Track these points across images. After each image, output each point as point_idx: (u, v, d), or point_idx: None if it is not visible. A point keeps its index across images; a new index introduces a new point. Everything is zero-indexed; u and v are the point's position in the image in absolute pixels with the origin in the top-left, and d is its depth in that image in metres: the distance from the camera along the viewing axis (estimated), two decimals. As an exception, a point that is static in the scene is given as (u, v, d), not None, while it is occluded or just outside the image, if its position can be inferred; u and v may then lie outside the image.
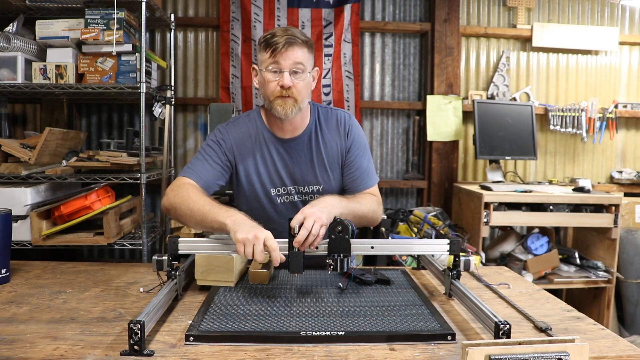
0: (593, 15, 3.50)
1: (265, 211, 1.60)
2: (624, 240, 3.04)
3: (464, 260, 1.31)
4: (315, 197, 1.53)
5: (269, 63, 1.46)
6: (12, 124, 2.96)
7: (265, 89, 1.51)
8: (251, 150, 1.58)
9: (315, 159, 1.59)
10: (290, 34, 1.45)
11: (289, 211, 1.56)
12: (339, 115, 1.64)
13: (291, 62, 1.45)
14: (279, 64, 1.45)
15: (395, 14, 3.41)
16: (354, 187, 1.61)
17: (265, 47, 1.47)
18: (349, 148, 1.61)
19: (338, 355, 0.96)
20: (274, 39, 1.44)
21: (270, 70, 1.47)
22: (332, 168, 1.61)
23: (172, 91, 2.84)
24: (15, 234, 2.22)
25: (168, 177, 3.00)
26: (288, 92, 1.46)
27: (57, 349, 0.95)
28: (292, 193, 1.60)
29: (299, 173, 1.59)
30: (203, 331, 1.01)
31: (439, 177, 3.32)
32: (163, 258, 1.26)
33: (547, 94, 3.50)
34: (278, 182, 1.59)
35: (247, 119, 1.63)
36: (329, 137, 1.61)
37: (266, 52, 1.46)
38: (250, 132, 1.60)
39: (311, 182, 1.59)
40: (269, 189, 1.59)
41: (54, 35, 2.39)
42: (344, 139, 1.62)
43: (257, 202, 1.60)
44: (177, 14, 3.23)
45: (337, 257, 1.20)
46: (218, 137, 1.59)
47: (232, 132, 1.60)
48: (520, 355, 0.83)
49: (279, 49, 1.43)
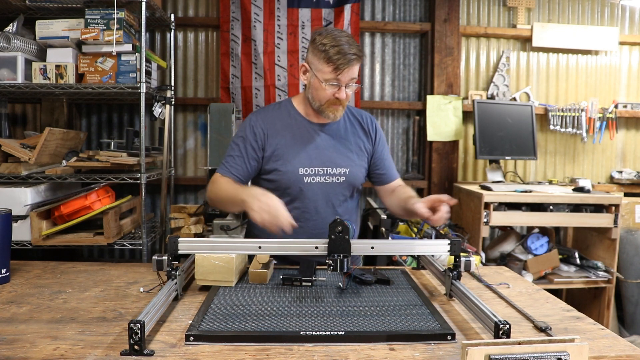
0: (593, 15, 3.50)
1: (290, 190, 1.66)
2: (624, 240, 3.04)
3: (465, 260, 1.31)
4: (342, 180, 1.67)
5: (329, 77, 1.55)
6: (12, 124, 2.96)
7: (319, 94, 1.60)
8: (281, 131, 1.68)
9: (345, 143, 1.71)
10: (352, 53, 1.52)
11: (314, 192, 1.65)
12: (365, 115, 1.81)
13: (349, 78, 1.56)
14: (339, 81, 1.56)
15: (395, 14, 3.41)
16: (386, 178, 1.79)
17: (326, 61, 1.53)
18: (377, 145, 1.77)
19: (338, 355, 0.96)
20: (336, 57, 1.51)
21: (329, 84, 1.56)
22: (358, 154, 1.73)
23: (172, 91, 2.84)
24: (15, 234, 2.22)
25: (168, 177, 3.00)
26: (341, 102, 1.60)
27: (57, 348, 0.95)
28: (320, 174, 1.66)
29: (328, 155, 1.67)
30: (203, 331, 1.02)
31: (439, 177, 3.32)
32: (163, 258, 1.26)
33: (547, 94, 3.50)
34: (307, 162, 1.65)
35: (277, 106, 1.75)
36: (355, 128, 1.75)
37: (327, 66, 1.54)
38: (280, 116, 1.71)
39: (340, 164, 1.68)
40: (297, 168, 1.64)
41: (54, 35, 2.39)
42: (371, 136, 1.77)
43: (284, 182, 1.66)
44: (177, 14, 3.23)
45: (337, 257, 1.21)
46: (248, 123, 1.70)
47: (261, 116, 1.71)
48: (520, 355, 0.83)
49: (341, 69, 1.53)
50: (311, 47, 1.58)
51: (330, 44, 1.52)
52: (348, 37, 1.56)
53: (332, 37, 1.53)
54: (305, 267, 1.42)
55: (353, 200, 1.77)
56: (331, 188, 1.67)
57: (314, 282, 1.35)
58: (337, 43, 1.52)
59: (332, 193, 1.68)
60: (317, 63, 1.56)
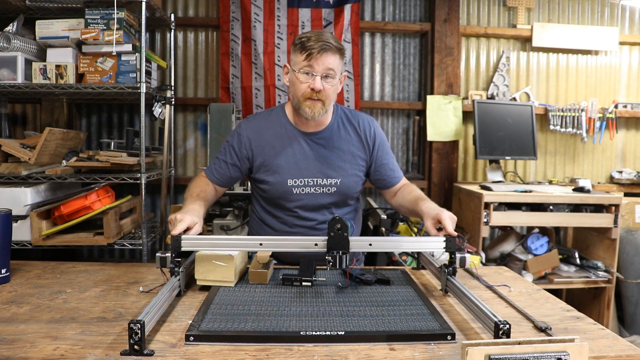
0: (593, 15, 3.50)
1: (280, 200, 1.65)
2: (624, 240, 3.04)
3: (460, 257, 1.32)
4: (333, 190, 1.64)
5: (302, 66, 1.53)
6: (12, 124, 2.96)
7: (295, 89, 1.57)
8: (270, 141, 1.66)
9: (337, 152, 1.66)
10: (325, 40, 1.51)
11: (304, 203, 1.64)
12: (363, 120, 1.73)
13: (324, 67, 1.52)
14: (312, 68, 1.52)
15: (395, 14, 3.41)
16: (388, 183, 1.75)
17: (300, 50, 1.52)
18: (376, 152, 1.71)
19: (338, 355, 0.96)
20: (309, 43, 1.50)
21: (302, 72, 1.53)
22: (351, 164, 1.68)
23: (172, 91, 2.84)
24: (15, 234, 2.22)
25: (168, 177, 3.00)
26: (318, 95, 1.54)
27: (57, 348, 0.95)
28: (310, 185, 1.64)
29: (318, 166, 1.64)
30: (203, 331, 1.02)
31: (439, 177, 3.32)
32: (167, 255, 1.28)
33: (547, 94, 3.50)
34: (296, 173, 1.63)
35: (268, 113, 1.73)
36: (349, 135, 1.69)
37: (301, 55, 1.52)
38: (270, 125, 1.68)
39: (330, 175, 1.65)
40: (285, 180, 1.63)
41: (54, 35, 2.39)
42: (368, 144, 1.70)
43: (274, 192, 1.65)
44: (177, 14, 3.23)
45: (335, 254, 1.22)
46: (236, 132, 1.70)
47: (250, 125, 1.69)
48: (520, 355, 0.83)
49: (313, 54, 1.50)
50: (292, 47, 1.59)
51: (306, 35, 1.53)
52: (328, 33, 1.57)
53: (311, 32, 1.55)
54: (305, 267, 1.42)
55: (349, 207, 1.75)
56: (322, 199, 1.65)
57: (314, 282, 1.35)
58: (311, 33, 1.53)
59: (322, 203, 1.66)
60: (294, 56, 1.56)
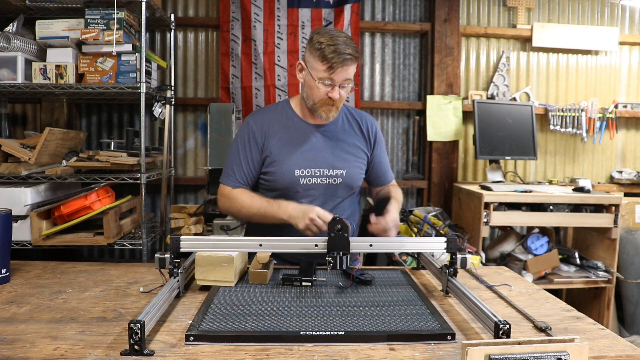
0: (593, 15, 3.50)
1: (286, 191, 1.66)
2: (624, 240, 3.04)
3: (461, 257, 1.32)
4: (339, 181, 1.67)
5: (323, 76, 1.56)
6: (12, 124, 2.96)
7: (313, 93, 1.61)
8: (278, 132, 1.68)
9: (342, 144, 1.71)
10: (347, 52, 1.52)
11: (311, 193, 1.65)
12: (366, 118, 1.80)
13: (343, 78, 1.57)
14: (333, 80, 1.56)
15: (395, 14, 3.41)
16: (380, 181, 1.81)
17: (321, 59, 1.54)
18: (375, 149, 1.78)
19: (338, 355, 0.96)
20: (330, 55, 1.51)
21: (322, 83, 1.57)
22: (355, 156, 1.72)
23: (172, 91, 2.84)
24: (15, 234, 2.22)
25: (168, 177, 3.00)
26: (334, 102, 1.60)
27: (57, 348, 0.95)
28: (317, 175, 1.66)
29: (325, 157, 1.67)
30: (203, 331, 1.02)
31: (439, 177, 3.32)
32: (165, 256, 1.27)
33: (547, 94, 3.50)
34: (303, 164, 1.65)
35: (274, 107, 1.76)
36: (353, 130, 1.75)
37: (322, 64, 1.54)
38: (277, 117, 1.71)
39: (337, 166, 1.67)
40: (293, 170, 1.64)
41: (54, 35, 2.39)
42: (370, 140, 1.76)
43: (280, 182, 1.66)
44: (177, 14, 3.23)
45: (336, 254, 1.22)
46: (246, 126, 1.70)
47: (259, 118, 1.72)
48: (520, 355, 0.83)
49: (335, 68, 1.53)
50: (308, 45, 1.59)
51: (327, 42, 1.52)
52: (346, 37, 1.56)
53: (330, 36, 1.53)
54: (305, 267, 1.42)
55: (352, 201, 1.77)
56: (328, 189, 1.67)
57: (314, 282, 1.35)
58: (333, 42, 1.52)
59: (329, 194, 1.68)
60: (313, 61, 1.57)
